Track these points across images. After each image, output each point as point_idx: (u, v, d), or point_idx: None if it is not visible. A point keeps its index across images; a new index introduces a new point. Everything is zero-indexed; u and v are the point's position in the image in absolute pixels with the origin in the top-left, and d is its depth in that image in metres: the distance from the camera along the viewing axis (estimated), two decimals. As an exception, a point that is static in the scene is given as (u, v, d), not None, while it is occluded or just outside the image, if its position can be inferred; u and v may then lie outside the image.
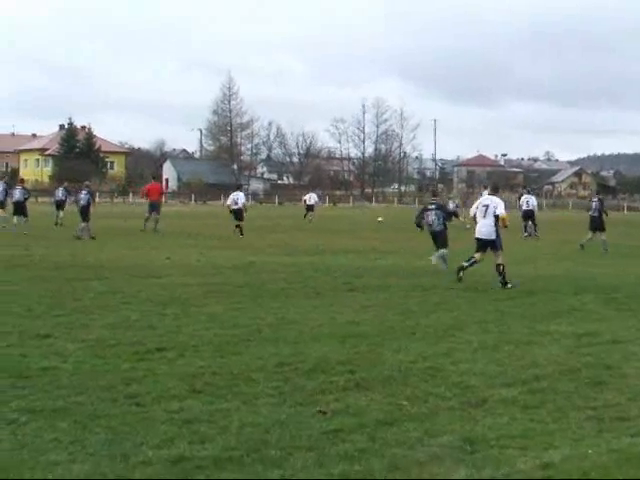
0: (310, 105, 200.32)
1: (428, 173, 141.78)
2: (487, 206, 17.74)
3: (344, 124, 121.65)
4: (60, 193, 39.05)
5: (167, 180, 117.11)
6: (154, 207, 35.18)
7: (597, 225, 29.17)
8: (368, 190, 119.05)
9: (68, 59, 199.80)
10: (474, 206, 18.45)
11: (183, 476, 5.75)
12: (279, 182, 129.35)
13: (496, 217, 17.41)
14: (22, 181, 40.05)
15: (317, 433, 6.72)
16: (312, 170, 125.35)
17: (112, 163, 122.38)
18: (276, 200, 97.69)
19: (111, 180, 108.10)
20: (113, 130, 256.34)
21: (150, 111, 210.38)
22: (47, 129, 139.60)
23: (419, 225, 20.54)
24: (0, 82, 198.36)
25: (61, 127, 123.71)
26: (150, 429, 6.78)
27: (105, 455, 6.14)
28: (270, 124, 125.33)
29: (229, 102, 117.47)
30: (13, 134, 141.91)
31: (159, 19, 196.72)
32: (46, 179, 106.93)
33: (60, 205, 38.46)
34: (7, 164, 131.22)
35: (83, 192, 31.93)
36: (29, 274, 17.61)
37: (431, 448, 6.42)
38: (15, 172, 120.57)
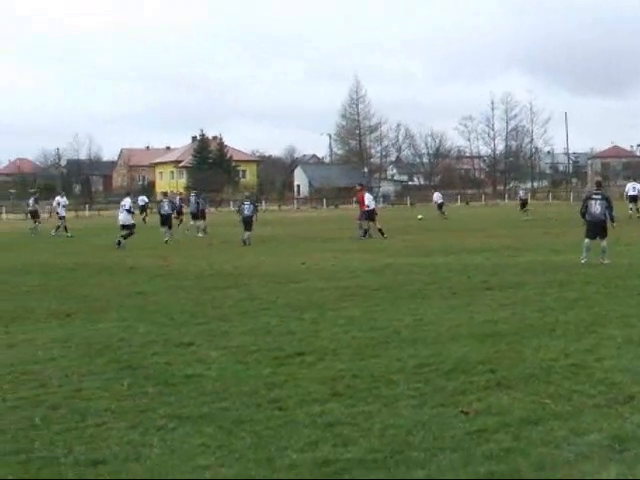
0: (437, 104, 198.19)
1: (561, 167, 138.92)
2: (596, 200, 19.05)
3: (473, 122, 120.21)
4: (193, 201, 40.58)
5: (298, 186, 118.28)
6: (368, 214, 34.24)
7: None
8: (500, 187, 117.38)
9: (196, 71, 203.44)
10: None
11: (328, 478, 5.80)
12: (410, 183, 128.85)
13: None
14: (165, 194, 41.21)
15: (460, 433, 6.68)
16: (442, 170, 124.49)
17: (244, 172, 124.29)
18: (407, 201, 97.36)
19: (243, 189, 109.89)
20: (244, 139, 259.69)
21: (279, 118, 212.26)
22: (180, 141, 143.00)
23: (584, 215, 20.64)
24: (134, 97, 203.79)
25: (193, 139, 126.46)
26: (294, 433, 6.86)
27: (251, 459, 6.25)
28: (398, 126, 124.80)
29: (357, 106, 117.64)
30: (148, 147, 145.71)
31: (282, 25, 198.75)
32: (182, 189, 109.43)
33: (195, 215, 39.68)
34: (144, 177, 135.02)
35: (246, 203, 33.19)
36: (169, 284, 18.05)
37: (578, 447, 6.30)
38: (152, 185, 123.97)
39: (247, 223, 32.01)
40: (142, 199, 55.53)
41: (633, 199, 42.91)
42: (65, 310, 14.19)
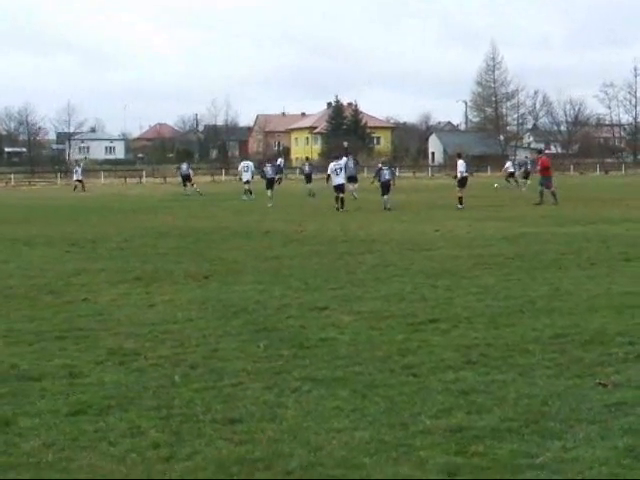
0: (576, 71, 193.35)
1: None
2: None
3: (614, 89, 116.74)
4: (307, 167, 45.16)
5: (433, 153, 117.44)
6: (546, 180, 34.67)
7: None
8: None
9: (331, 36, 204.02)
10: None
11: (461, 445, 5.79)
12: (547, 152, 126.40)
13: None
14: (269, 160, 44.90)
15: (598, 406, 6.57)
16: (580, 138, 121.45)
17: (378, 138, 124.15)
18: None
19: (378, 155, 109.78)
20: (379, 105, 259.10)
21: (413, 84, 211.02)
22: (315, 108, 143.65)
23: None
24: (270, 63, 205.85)
25: (328, 105, 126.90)
26: (427, 399, 6.87)
27: (385, 424, 6.29)
28: (536, 93, 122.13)
29: (493, 72, 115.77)
30: (284, 114, 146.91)
31: None
32: (315, 156, 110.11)
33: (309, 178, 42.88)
34: (279, 143, 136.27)
35: (385, 168, 34.12)
36: (304, 249, 18.23)
37: None
38: (287, 150, 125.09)
39: (386, 187, 32.68)
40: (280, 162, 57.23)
41: None
42: (202, 272, 14.51)
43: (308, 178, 45.46)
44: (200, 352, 8.65)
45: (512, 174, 52.27)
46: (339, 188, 32.50)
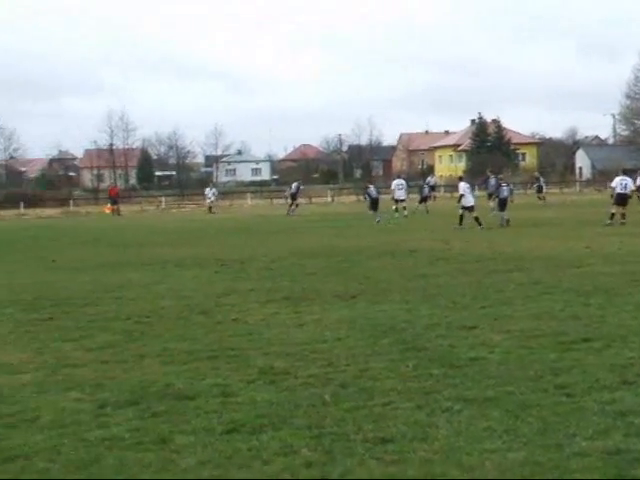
0: None
1: None
2: None
3: None
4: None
5: (580, 168, 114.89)
6: None
7: None
8: None
9: (470, 53, 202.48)
10: None
11: (619, 469, 5.63)
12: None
13: None
14: (370, 180, 46.13)
15: None
16: None
17: (524, 155, 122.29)
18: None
19: (523, 172, 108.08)
20: (523, 121, 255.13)
21: (557, 99, 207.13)
22: (458, 125, 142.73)
23: None
24: (412, 82, 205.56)
25: (472, 122, 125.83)
26: (582, 420, 6.71)
27: (539, 445, 6.17)
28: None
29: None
30: (427, 132, 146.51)
31: (548, 2, 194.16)
32: (460, 173, 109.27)
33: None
34: (423, 161, 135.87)
35: (504, 185, 34.00)
36: (451, 267, 18.09)
37: None
38: (431, 168, 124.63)
39: (504, 204, 32.89)
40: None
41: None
42: (350, 291, 14.58)
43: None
44: (350, 371, 8.68)
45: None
46: (470, 208, 32.02)
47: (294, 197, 50.02)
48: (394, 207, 41.16)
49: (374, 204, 39.23)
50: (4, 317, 13.16)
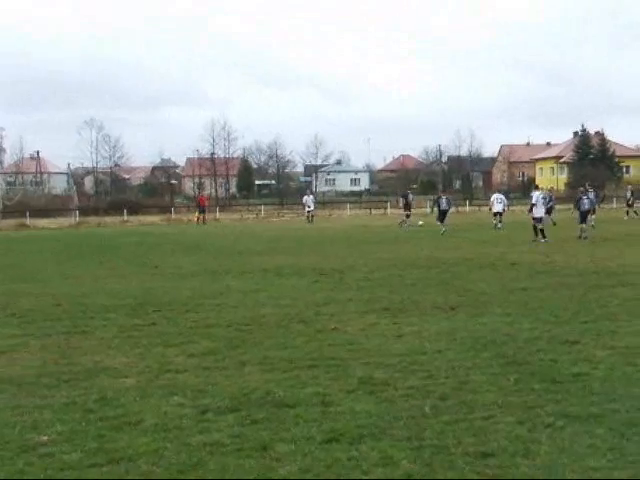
0: None
1: None
2: None
3: None
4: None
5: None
6: None
7: None
8: None
9: (569, 65, 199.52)
10: None
11: None
12: None
13: None
14: (444, 191, 46.18)
15: None
16: None
17: (627, 168, 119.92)
18: None
19: (627, 185, 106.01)
20: (628, 133, 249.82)
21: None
22: (561, 137, 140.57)
23: None
24: (514, 93, 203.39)
25: (575, 134, 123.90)
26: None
27: (646, 464, 6.03)
28: None
29: None
30: (528, 144, 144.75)
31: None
32: (562, 186, 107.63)
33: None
34: (523, 173, 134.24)
35: (584, 197, 33.94)
36: (552, 281, 17.82)
37: None
38: (532, 181, 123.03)
39: (584, 216, 32.90)
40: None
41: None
42: (449, 303, 14.48)
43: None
44: (449, 384, 8.62)
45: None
46: (538, 220, 31.69)
47: (408, 208, 48.26)
48: (493, 221, 40.91)
49: (442, 215, 40.17)
50: (108, 322, 13.44)
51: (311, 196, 61.11)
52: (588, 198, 34.11)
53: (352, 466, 6.17)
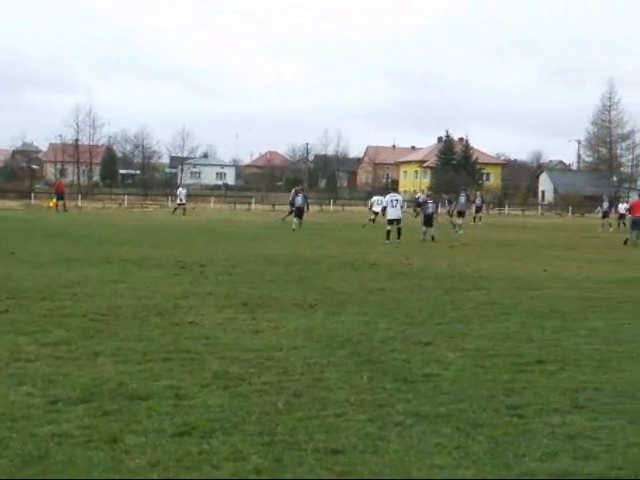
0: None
1: None
2: None
3: None
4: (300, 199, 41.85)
5: (543, 192, 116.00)
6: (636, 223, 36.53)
7: None
8: None
9: (439, 72, 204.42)
10: None
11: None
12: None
13: None
14: (302, 189, 45.50)
15: None
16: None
17: (488, 175, 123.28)
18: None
19: (487, 191, 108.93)
20: (489, 141, 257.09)
21: (524, 122, 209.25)
22: (425, 141, 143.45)
23: None
24: (381, 96, 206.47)
25: (439, 139, 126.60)
26: (532, 441, 6.76)
27: (488, 463, 6.20)
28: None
29: (609, 112, 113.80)
30: (394, 146, 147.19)
31: (514, 25, 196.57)
32: (424, 190, 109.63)
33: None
34: (388, 175, 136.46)
35: (429, 202, 35.80)
36: (410, 282, 18.15)
37: None
38: (395, 183, 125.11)
39: (429, 220, 34.29)
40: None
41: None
42: (308, 301, 14.57)
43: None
44: (304, 380, 8.68)
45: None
46: (392, 221, 32.34)
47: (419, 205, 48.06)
48: (368, 219, 42.02)
49: (299, 212, 40.67)
50: (-42, 307, 13.00)
51: (185, 189, 60.73)
52: (433, 202, 35.46)
53: (202, 460, 6.14)
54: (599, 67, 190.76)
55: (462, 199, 44.80)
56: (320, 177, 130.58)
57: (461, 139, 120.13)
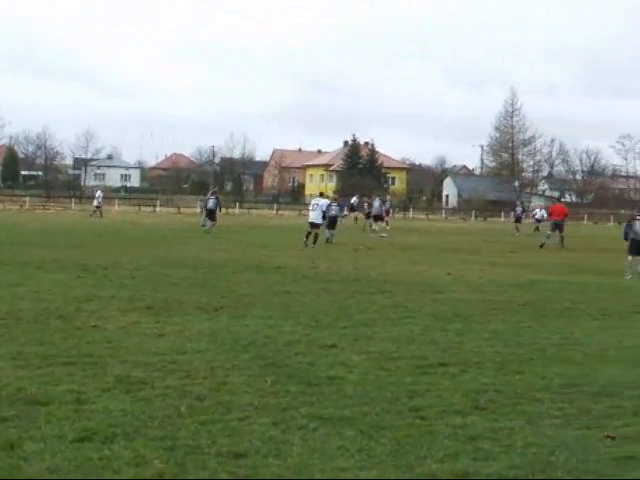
0: (591, 121, 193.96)
1: None
2: None
3: (631, 141, 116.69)
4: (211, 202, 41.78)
5: (447, 196, 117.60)
6: (557, 226, 38.02)
7: None
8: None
9: (346, 77, 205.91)
10: None
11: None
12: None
13: None
14: (215, 192, 45.47)
15: (606, 459, 6.53)
16: (596, 188, 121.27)
17: (393, 179, 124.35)
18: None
19: (392, 195, 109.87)
20: (394, 146, 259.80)
21: (428, 126, 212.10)
22: (332, 145, 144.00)
23: (626, 237, 23.92)
24: (289, 99, 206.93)
25: (345, 143, 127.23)
26: (434, 443, 6.83)
27: (390, 465, 6.26)
28: (553, 141, 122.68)
29: (511, 118, 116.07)
30: (300, 150, 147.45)
31: (419, 29, 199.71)
32: (330, 194, 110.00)
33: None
34: (294, 178, 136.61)
35: (333, 204, 35.95)
36: (315, 286, 18.20)
37: None
38: (301, 187, 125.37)
39: (332, 222, 34.42)
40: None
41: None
42: (213, 304, 14.48)
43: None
44: (208, 384, 8.62)
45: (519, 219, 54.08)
46: (313, 225, 32.50)
47: (353, 209, 48.33)
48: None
49: (209, 214, 40.97)
50: None
51: (102, 192, 60.09)
52: (338, 205, 36.81)
53: (103, 465, 6.05)
54: (500, 74, 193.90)
55: (377, 203, 45.19)
56: (226, 180, 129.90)
57: (367, 143, 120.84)
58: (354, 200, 55.41)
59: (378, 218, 44.33)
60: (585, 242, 42.30)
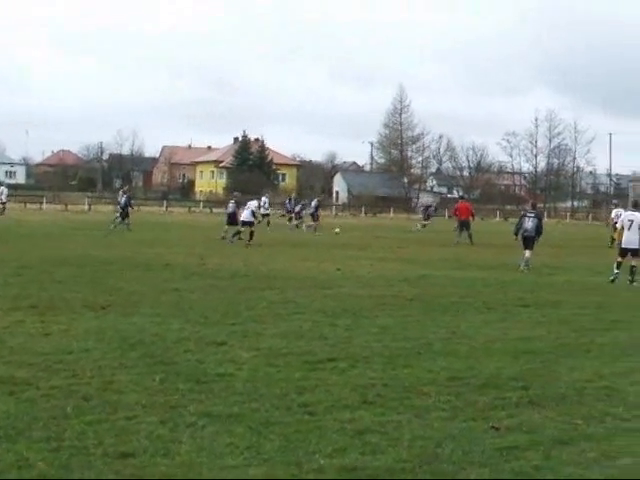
0: (479, 118, 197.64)
1: (602, 188, 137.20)
2: (632, 221, 21.08)
3: (515, 138, 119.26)
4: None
5: (337, 193, 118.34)
6: (464, 225, 38.55)
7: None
8: (540, 205, 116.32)
9: (235, 72, 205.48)
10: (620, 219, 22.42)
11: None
12: (449, 196, 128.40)
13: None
14: (126, 190, 46.39)
15: (490, 449, 6.66)
16: (482, 184, 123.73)
17: (284, 175, 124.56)
18: (446, 214, 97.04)
19: (283, 192, 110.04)
20: (285, 142, 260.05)
21: (318, 123, 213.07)
22: (222, 142, 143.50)
23: (516, 233, 24.99)
24: (177, 95, 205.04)
25: (235, 140, 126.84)
26: (322, 438, 6.86)
27: (279, 462, 6.26)
28: (441, 137, 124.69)
29: (400, 115, 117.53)
30: (190, 146, 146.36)
31: (310, 24, 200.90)
32: (220, 190, 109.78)
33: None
34: (184, 175, 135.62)
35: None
36: (204, 283, 18.10)
37: (609, 469, 6.26)
38: (191, 184, 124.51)
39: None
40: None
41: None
42: (100, 302, 14.26)
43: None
44: (94, 384, 8.48)
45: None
46: (245, 223, 33.14)
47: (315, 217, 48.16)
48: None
49: (123, 212, 41.50)
50: None
51: (6, 189, 58.31)
52: (234, 203, 36.69)
53: (-16, 469, 5.90)
54: (389, 72, 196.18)
55: (314, 203, 47.79)
56: (115, 177, 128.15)
57: (257, 140, 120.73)
58: (264, 200, 54.80)
59: (314, 217, 47.29)
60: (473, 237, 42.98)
